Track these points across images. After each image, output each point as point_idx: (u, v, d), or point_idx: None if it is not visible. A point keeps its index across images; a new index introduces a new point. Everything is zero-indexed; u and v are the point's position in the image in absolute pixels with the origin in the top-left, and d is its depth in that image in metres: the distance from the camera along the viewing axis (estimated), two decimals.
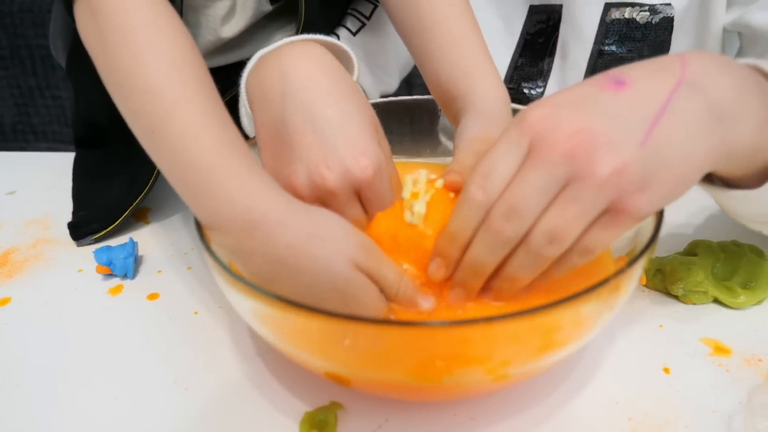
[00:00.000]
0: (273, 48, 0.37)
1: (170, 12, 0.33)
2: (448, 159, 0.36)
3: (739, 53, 0.51)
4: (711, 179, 0.35)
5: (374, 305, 0.29)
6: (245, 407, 0.32)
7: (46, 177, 0.57)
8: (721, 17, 0.52)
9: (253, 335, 0.37)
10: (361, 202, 0.33)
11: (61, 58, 0.53)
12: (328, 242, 0.28)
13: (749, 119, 0.29)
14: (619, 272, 0.27)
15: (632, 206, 0.26)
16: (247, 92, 0.38)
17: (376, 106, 0.38)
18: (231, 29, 0.50)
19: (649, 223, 0.31)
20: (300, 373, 0.33)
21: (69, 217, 0.49)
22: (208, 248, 0.29)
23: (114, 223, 0.47)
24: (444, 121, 0.47)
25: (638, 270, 0.29)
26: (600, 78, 0.29)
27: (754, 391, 0.32)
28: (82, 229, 0.47)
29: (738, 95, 0.29)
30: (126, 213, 0.47)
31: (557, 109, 0.27)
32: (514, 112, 0.39)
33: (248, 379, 0.34)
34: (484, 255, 0.28)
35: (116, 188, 0.50)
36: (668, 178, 0.26)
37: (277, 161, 0.33)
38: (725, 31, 0.53)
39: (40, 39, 1.44)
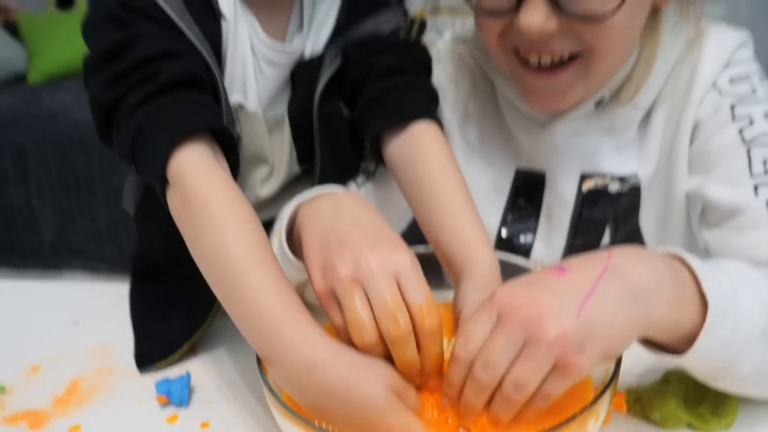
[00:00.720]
0: (311, 194, 0.48)
1: (239, 194, 0.44)
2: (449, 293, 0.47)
3: (702, 215, 0.59)
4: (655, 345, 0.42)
5: (410, 420, 0.37)
6: None
7: (106, 307, 0.65)
8: (683, 186, 0.59)
9: None
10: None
11: (130, 209, 0.63)
12: (372, 370, 0.37)
13: (661, 298, 0.37)
14: (581, 411, 0.35)
15: (574, 363, 0.35)
16: (297, 219, 0.47)
17: None
18: (268, 190, 0.61)
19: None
20: None
21: (127, 346, 0.57)
22: (266, 383, 0.37)
23: (173, 353, 0.55)
24: None
25: (600, 408, 0.36)
26: (548, 267, 0.39)
27: None
28: (145, 358, 0.55)
29: (652, 279, 0.38)
30: (185, 346, 0.55)
31: (517, 289, 0.38)
32: (505, 266, 0.48)
33: None
34: (471, 397, 0.37)
35: (174, 323, 0.57)
36: (600, 343, 0.35)
37: (324, 256, 0.41)
38: (689, 197, 0.60)
39: (85, 166, 1.59)
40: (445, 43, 0.69)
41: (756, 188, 0.52)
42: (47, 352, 0.58)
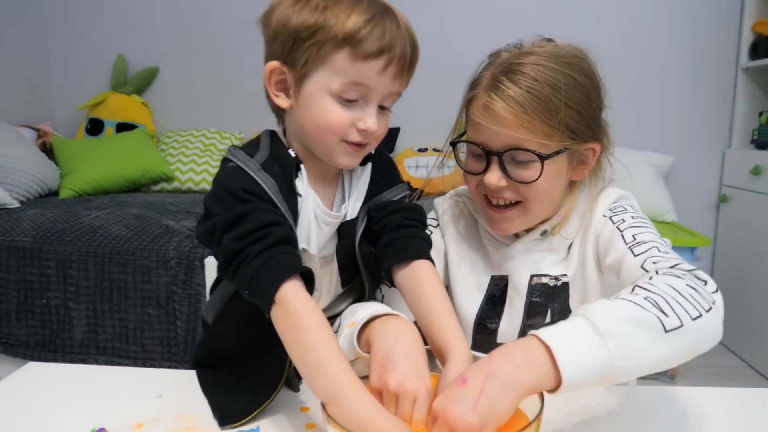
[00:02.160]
0: (380, 310, 0.75)
1: (320, 311, 0.70)
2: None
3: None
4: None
5: None
6: None
7: (181, 384, 0.88)
8: (594, 277, 0.93)
9: None
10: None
11: (209, 318, 0.88)
12: (399, 426, 0.62)
13: (523, 374, 0.62)
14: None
15: None
16: (370, 326, 0.73)
17: None
18: (322, 304, 0.88)
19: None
20: None
21: (203, 409, 0.79)
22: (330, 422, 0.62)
23: (245, 419, 0.77)
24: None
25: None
26: (458, 377, 0.63)
27: None
28: (225, 420, 0.77)
29: (512, 368, 0.62)
30: (255, 413, 0.78)
31: (441, 400, 0.62)
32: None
33: None
34: None
35: (243, 397, 0.80)
36: (492, 421, 0.60)
37: (382, 368, 0.67)
38: (604, 281, 0.93)
39: (121, 274, 1.82)
40: (448, 197, 1.06)
41: (628, 248, 0.84)
42: (145, 414, 0.80)
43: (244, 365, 0.84)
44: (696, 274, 0.73)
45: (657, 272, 0.74)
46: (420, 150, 2.86)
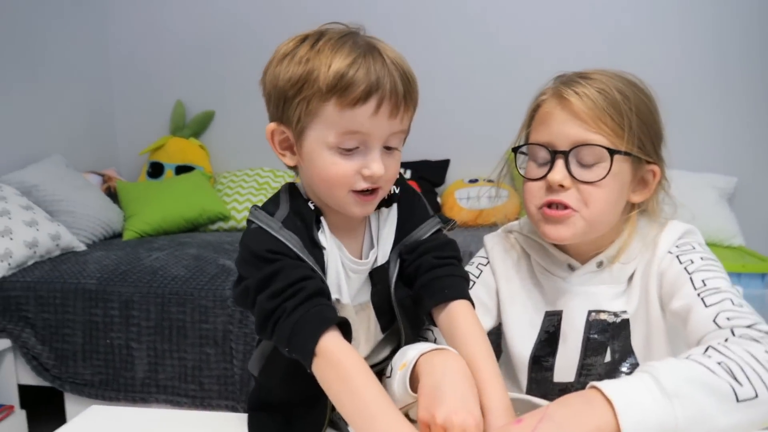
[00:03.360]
0: (427, 347, 0.74)
1: (363, 361, 0.69)
2: None
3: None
4: None
5: None
6: None
7: (239, 429, 0.88)
8: (658, 315, 0.88)
9: None
10: None
11: (254, 371, 0.89)
12: None
13: (580, 423, 0.60)
14: None
15: None
16: (418, 363, 0.72)
17: None
18: (363, 352, 0.87)
19: None
20: None
21: None
22: None
23: None
24: None
25: None
26: (513, 420, 0.63)
27: None
28: None
29: (570, 413, 0.61)
30: None
31: None
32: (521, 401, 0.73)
33: None
34: None
35: None
36: None
37: (430, 402, 0.66)
38: (669, 323, 0.88)
39: (180, 314, 1.87)
40: (498, 233, 1.04)
41: (698, 295, 0.80)
42: None
43: (292, 413, 0.83)
44: None
45: (733, 332, 0.71)
46: (471, 181, 2.84)
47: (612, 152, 0.83)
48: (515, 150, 0.92)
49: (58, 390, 2.00)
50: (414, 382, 0.73)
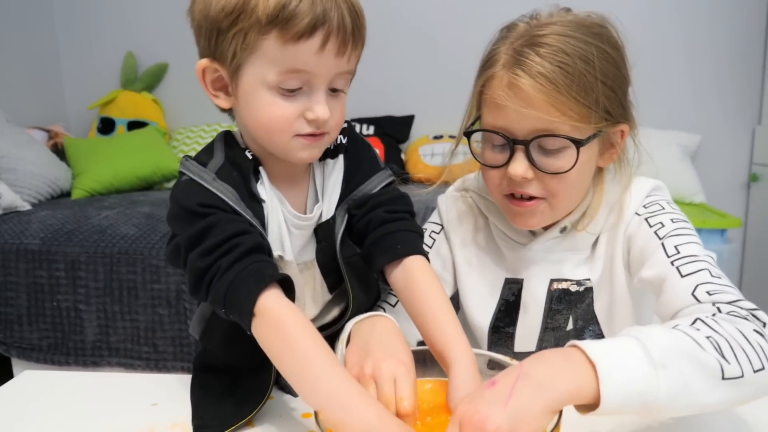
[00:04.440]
0: (363, 317, 0.70)
1: (308, 320, 0.64)
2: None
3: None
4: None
5: None
6: None
7: (175, 392, 0.82)
8: (622, 282, 0.84)
9: None
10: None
11: (196, 334, 0.83)
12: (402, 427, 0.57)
13: (560, 380, 0.56)
14: None
15: None
16: (349, 334, 0.70)
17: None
18: (310, 313, 0.82)
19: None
20: None
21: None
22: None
23: (225, 431, 0.72)
24: None
25: None
26: (486, 381, 0.58)
27: None
28: (200, 429, 0.72)
29: (548, 371, 0.56)
30: (233, 427, 0.72)
31: (467, 405, 0.56)
32: (491, 362, 0.69)
33: None
34: None
35: (226, 407, 0.75)
36: (524, 425, 0.53)
37: (357, 358, 0.65)
38: (636, 290, 0.84)
39: (130, 275, 1.79)
40: (453, 193, 0.95)
41: (672, 263, 0.75)
42: (139, 427, 0.75)
43: (236, 377, 0.78)
44: (756, 314, 0.65)
45: (719, 309, 0.66)
46: (435, 137, 2.78)
47: (579, 144, 0.75)
48: (467, 134, 0.82)
49: (5, 356, 1.91)
50: None
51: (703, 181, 2.67)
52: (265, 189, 0.73)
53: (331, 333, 0.80)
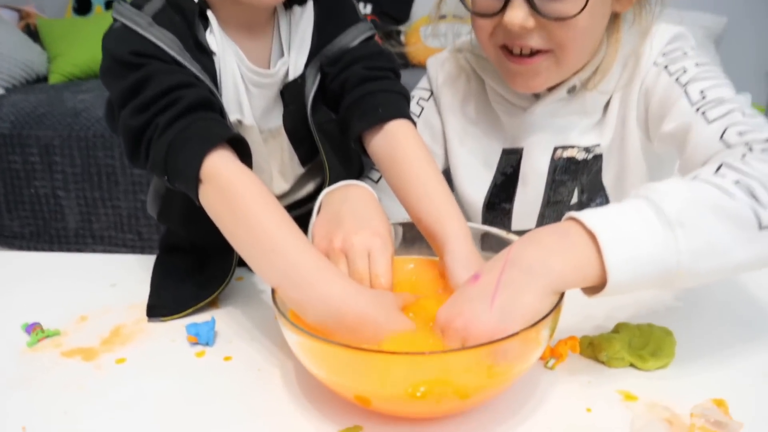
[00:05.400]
0: (336, 186, 0.61)
1: (263, 184, 0.54)
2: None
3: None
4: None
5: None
6: (295, 427, 0.48)
7: (138, 273, 0.74)
8: (636, 147, 0.72)
9: (299, 380, 0.53)
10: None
11: (153, 213, 0.74)
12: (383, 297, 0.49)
13: (554, 261, 0.46)
14: (524, 329, 0.44)
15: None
16: (320, 204, 0.60)
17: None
18: (278, 190, 0.71)
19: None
20: (333, 404, 0.49)
21: None
22: (277, 305, 0.47)
23: (181, 312, 0.64)
24: None
25: (543, 327, 0.45)
26: (469, 278, 0.49)
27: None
28: (154, 311, 0.64)
29: (539, 252, 0.47)
30: (191, 309, 0.64)
31: (448, 308, 0.47)
32: (485, 235, 0.59)
33: (296, 409, 0.50)
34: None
35: (186, 288, 0.67)
36: (516, 319, 0.44)
37: (326, 231, 0.57)
38: (655, 154, 0.72)
39: (108, 159, 1.69)
40: (444, 54, 0.82)
41: (697, 110, 0.62)
42: (92, 306, 0.67)
43: (201, 258, 0.69)
44: None
45: (751, 149, 0.54)
46: (439, 16, 2.56)
47: None
48: None
49: None
50: None
51: (726, 67, 2.47)
52: (215, 39, 0.61)
53: (305, 211, 0.70)
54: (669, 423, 0.47)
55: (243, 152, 0.56)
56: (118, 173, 1.67)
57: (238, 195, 0.52)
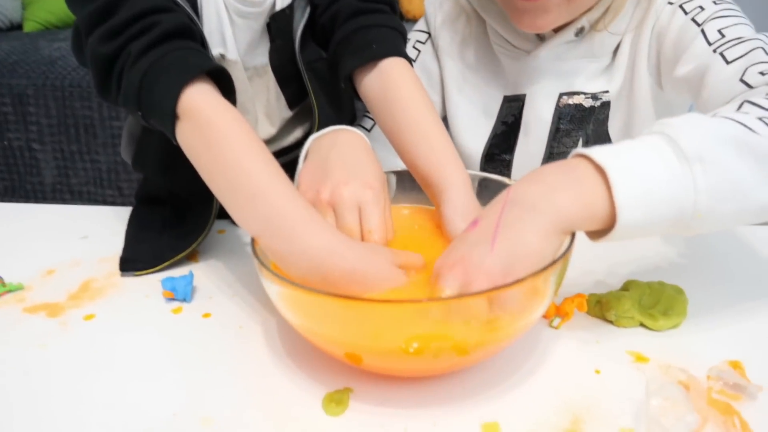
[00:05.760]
0: (325, 131, 0.55)
1: (246, 121, 0.48)
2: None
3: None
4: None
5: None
6: (280, 389, 0.44)
7: (113, 225, 0.69)
8: (645, 94, 0.68)
9: (283, 339, 0.49)
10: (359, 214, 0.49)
11: (128, 159, 0.68)
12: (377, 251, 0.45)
13: (559, 197, 0.41)
14: (531, 274, 0.39)
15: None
16: (306, 151, 0.55)
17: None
18: (264, 134, 0.66)
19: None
20: (321, 364, 0.45)
21: None
22: (257, 256, 0.42)
23: (157, 266, 0.59)
24: None
25: (551, 274, 0.41)
26: (469, 224, 0.44)
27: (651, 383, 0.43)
28: (128, 265, 0.60)
29: (542, 189, 0.42)
30: (168, 262, 0.60)
31: (446, 256, 0.43)
32: (484, 181, 0.54)
33: (280, 370, 0.46)
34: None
35: (163, 240, 0.62)
36: (521, 261, 0.40)
37: (312, 180, 0.52)
38: (665, 102, 0.68)
39: (86, 110, 1.61)
40: None
41: (714, 50, 0.58)
42: (60, 260, 0.63)
43: (180, 208, 0.64)
44: None
45: None
46: None
47: None
48: None
49: None
50: None
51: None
52: None
53: (291, 158, 0.65)
54: (685, 386, 0.43)
55: (226, 87, 0.51)
56: (97, 125, 1.59)
57: (219, 133, 0.47)
